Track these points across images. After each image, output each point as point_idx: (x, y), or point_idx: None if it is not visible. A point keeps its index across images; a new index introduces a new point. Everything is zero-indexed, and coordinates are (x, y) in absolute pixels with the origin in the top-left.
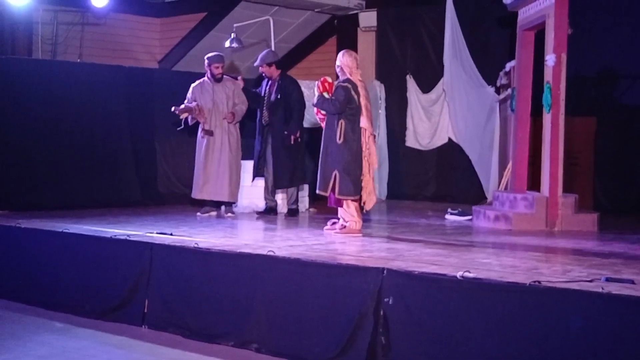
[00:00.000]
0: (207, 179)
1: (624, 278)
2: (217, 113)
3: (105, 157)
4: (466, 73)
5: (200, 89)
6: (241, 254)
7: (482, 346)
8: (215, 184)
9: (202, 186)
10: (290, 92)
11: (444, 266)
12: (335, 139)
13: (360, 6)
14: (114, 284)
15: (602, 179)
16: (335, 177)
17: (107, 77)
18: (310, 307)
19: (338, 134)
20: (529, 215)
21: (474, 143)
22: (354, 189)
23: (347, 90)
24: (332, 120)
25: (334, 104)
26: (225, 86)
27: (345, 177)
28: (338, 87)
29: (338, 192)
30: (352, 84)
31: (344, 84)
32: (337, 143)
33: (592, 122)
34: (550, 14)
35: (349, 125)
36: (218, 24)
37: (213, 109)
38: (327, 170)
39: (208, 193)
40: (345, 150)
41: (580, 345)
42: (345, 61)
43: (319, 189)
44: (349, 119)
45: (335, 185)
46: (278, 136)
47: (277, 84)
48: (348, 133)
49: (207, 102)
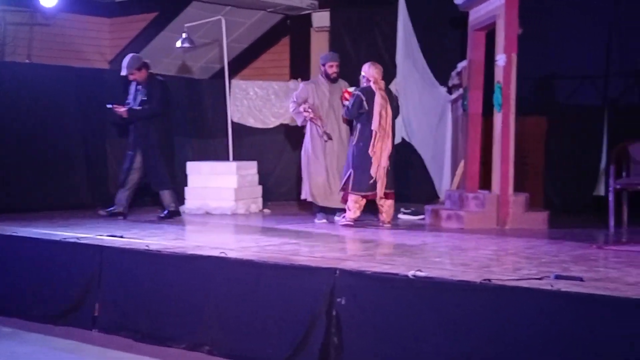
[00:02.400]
0: (332, 186)
1: (573, 275)
2: (333, 115)
3: (55, 158)
4: (419, 73)
5: (315, 89)
6: (193, 256)
7: (434, 345)
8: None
9: (326, 193)
10: (154, 94)
11: (396, 265)
12: (352, 140)
13: (313, 6)
14: (63, 287)
15: (552, 177)
16: (350, 175)
17: (57, 77)
18: (262, 309)
19: (355, 137)
20: (481, 214)
21: (426, 143)
22: (365, 187)
23: (357, 97)
24: (352, 125)
25: (346, 110)
26: (340, 88)
27: (360, 176)
28: (353, 94)
29: (351, 188)
30: (365, 91)
31: (357, 92)
32: (353, 144)
33: (542, 121)
34: (501, 14)
35: (362, 128)
36: (169, 24)
37: (330, 110)
38: (345, 169)
39: (333, 201)
40: (357, 150)
41: (531, 342)
42: (371, 72)
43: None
44: (363, 122)
45: (349, 183)
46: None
47: (143, 86)
48: (361, 135)
49: (323, 103)
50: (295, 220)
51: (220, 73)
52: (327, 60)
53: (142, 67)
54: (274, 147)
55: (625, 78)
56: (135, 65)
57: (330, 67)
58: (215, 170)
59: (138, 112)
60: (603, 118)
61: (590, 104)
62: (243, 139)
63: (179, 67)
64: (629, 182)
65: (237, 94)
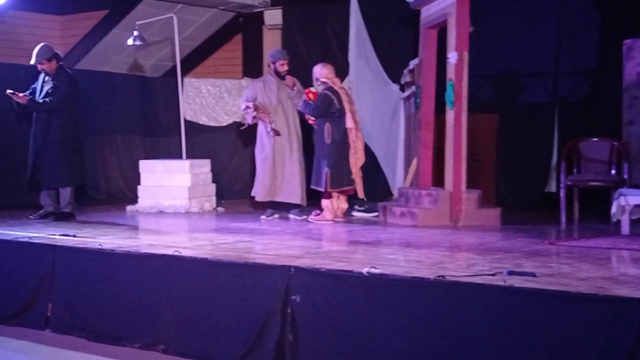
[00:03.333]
0: (278, 181)
1: (526, 271)
2: (282, 112)
3: (6, 157)
4: (371, 71)
5: (263, 87)
6: (146, 255)
7: (389, 341)
8: (287, 185)
9: (271, 188)
10: (60, 87)
11: (350, 263)
12: (324, 139)
13: (266, 4)
14: (15, 287)
15: (504, 174)
16: (326, 174)
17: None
18: (217, 307)
19: (326, 135)
20: (434, 210)
21: (379, 140)
22: (343, 182)
23: (326, 97)
24: (320, 124)
25: (313, 108)
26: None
27: (335, 173)
28: (320, 94)
29: (330, 186)
30: (332, 91)
31: (324, 92)
32: (326, 143)
33: (494, 119)
34: (452, 12)
35: (335, 127)
36: (121, 21)
37: (278, 107)
38: (318, 168)
39: (280, 195)
40: (334, 149)
41: (485, 337)
42: (324, 73)
43: (313, 184)
44: (334, 121)
45: (327, 181)
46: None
47: (51, 78)
48: (335, 134)
49: (272, 100)
50: (249, 219)
51: (173, 71)
52: (277, 58)
53: (52, 58)
54: (227, 145)
55: (574, 75)
56: (46, 55)
57: (282, 66)
58: (168, 168)
59: (39, 104)
60: (554, 115)
61: (540, 101)
62: (196, 137)
63: (130, 65)
64: (579, 179)
65: (189, 92)
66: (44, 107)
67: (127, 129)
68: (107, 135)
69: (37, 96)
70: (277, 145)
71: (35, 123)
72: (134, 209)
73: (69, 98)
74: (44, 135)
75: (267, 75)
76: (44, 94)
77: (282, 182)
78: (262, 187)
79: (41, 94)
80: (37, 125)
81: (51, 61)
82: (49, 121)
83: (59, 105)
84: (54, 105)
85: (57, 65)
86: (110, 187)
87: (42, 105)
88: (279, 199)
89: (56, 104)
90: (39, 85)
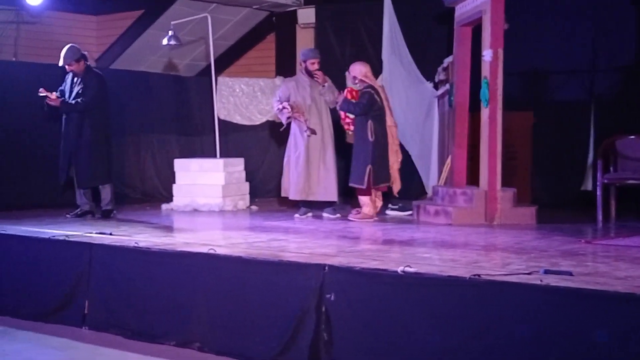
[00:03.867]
0: (312, 180)
1: (562, 270)
2: (316, 110)
3: (42, 157)
4: (405, 69)
5: (296, 86)
6: (182, 253)
7: (424, 340)
8: (322, 184)
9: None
10: (89, 86)
11: (385, 261)
12: (367, 137)
13: (299, 3)
14: (53, 285)
15: (540, 172)
16: (369, 171)
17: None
18: (252, 305)
19: (369, 133)
20: (469, 209)
21: (413, 138)
22: (384, 179)
23: (370, 95)
24: (361, 122)
25: (358, 107)
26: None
27: (378, 170)
28: (363, 92)
29: (373, 184)
30: (374, 89)
31: (367, 90)
32: (369, 141)
33: (529, 116)
34: (487, 9)
35: (377, 124)
36: (155, 21)
37: (312, 106)
38: (360, 166)
39: (315, 194)
40: (376, 146)
41: (520, 337)
42: (364, 71)
43: (351, 182)
44: (376, 119)
45: (370, 178)
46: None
47: (80, 79)
48: (377, 131)
49: (305, 100)
50: (282, 217)
51: (207, 70)
52: (308, 56)
53: (80, 59)
54: (260, 144)
55: (611, 73)
56: (74, 56)
57: (312, 65)
58: (202, 167)
59: (71, 105)
60: (590, 113)
61: (577, 99)
62: (229, 136)
63: (165, 65)
64: (616, 177)
65: (223, 91)
66: (76, 108)
67: (162, 128)
68: (142, 134)
69: (67, 97)
70: (311, 144)
71: (66, 123)
72: (169, 208)
73: (99, 97)
74: (77, 136)
75: (300, 75)
76: (74, 94)
77: (316, 181)
78: (295, 186)
79: (71, 95)
80: (69, 125)
81: (79, 62)
82: (82, 121)
83: (90, 105)
84: (86, 106)
85: (85, 65)
86: (146, 186)
87: (74, 106)
88: (313, 199)
89: (88, 104)
90: (67, 86)
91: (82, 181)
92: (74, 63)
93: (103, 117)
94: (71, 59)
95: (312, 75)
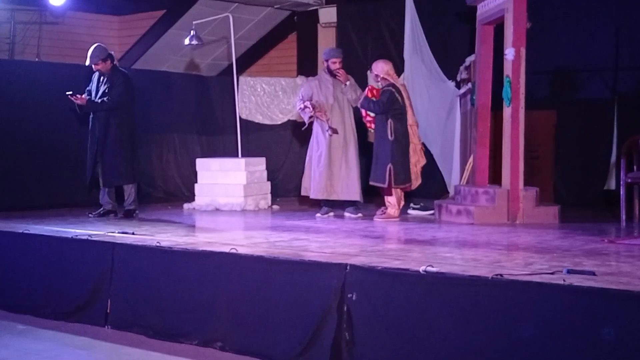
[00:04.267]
0: (334, 179)
1: (586, 270)
2: (339, 110)
3: (65, 156)
4: (426, 68)
5: (319, 85)
6: (204, 252)
7: (446, 340)
8: (344, 183)
9: (327, 186)
10: (116, 84)
11: (406, 261)
12: (387, 136)
13: (320, 2)
14: (76, 284)
15: (563, 171)
16: (390, 170)
17: (66, 76)
18: (273, 305)
19: (389, 132)
20: (491, 208)
21: (435, 137)
22: (405, 179)
23: (391, 93)
24: (382, 120)
25: (378, 105)
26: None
27: (399, 170)
28: (384, 91)
29: (394, 183)
30: (395, 87)
31: (388, 88)
32: (389, 140)
33: (551, 115)
34: (509, 8)
35: (398, 123)
36: (177, 21)
37: (334, 105)
38: (380, 164)
39: (337, 193)
40: (397, 145)
41: (543, 337)
42: (386, 69)
43: (372, 181)
44: (397, 118)
45: (391, 178)
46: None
47: (107, 78)
48: (398, 130)
49: (328, 99)
50: (304, 216)
51: (228, 70)
52: (330, 56)
53: (107, 58)
54: (282, 143)
55: (634, 71)
56: (101, 55)
57: (334, 64)
58: (224, 166)
59: (98, 104)
60: (613, 111)
61: (599, 97)
62: (251, 135)
63: (186, 65)
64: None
65: (244, 91)
66: (103, 107)
67: (183, 128)
68: (164, 133)
69: (94, 97)
70: (333, 143)
71: (93, 123)
72: (190, 207)
73: (126, 96)
74: (104, 134)
75: (323, 74)
76: (101, 94)
77: (338, 180)
78: (317, 185)
79: (97, 94)
80: (95, 124)
81: (106, 61)
82: (108, 120)
83: (117, 104)
84: (113, 104)
85: (112, 65)
86: (168, 185)
87: (101, 105)
88: (335, 197)
89: (114, 102)
90: (94, 86)
91: (107, 179)
92: (101, 62)
93: (129, 117)
94: (98, 58)
95: (334, 75)
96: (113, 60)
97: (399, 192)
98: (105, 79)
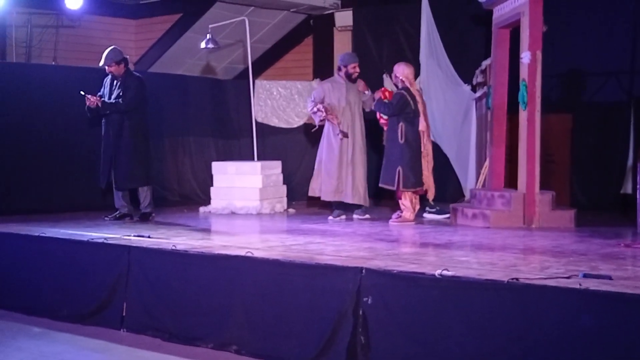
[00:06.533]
0: (342, 181)
1: (602, 274)
2: (349, 113)
3: (81, 160)
4: (442, 71)
5: (332, 88)
6: (219, 256)
7: (461, 344)
8: (350, 186)
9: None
10: (129, 87)
11: (422, 265)
12: (397, 139)
13: (336, 6)
14: (91, 287)
15: (579, 175)
16: (399, 172)
17: (83, 79)
18: (289, 308)
19: (399, 135)
20: (507, 212)
21: (451, 141)
22: (415, 183)
23: (402, 96)
24: (393, 123)
25: (388, 107)
26: (357, 87)
27: (408, 173)
28: (396, 94)
29: (402, 186)
30: (408, 91)
31: (400, 92)
32: (399, 143)
33: (568, 119)
34: (525, 11)
35: (409, 127)
36: (193, 25)
37: (346, 108)
38: (390, 167)
39: (345, 196)
40: (407, 148)
41: (559, 341)
42: (405, 72)
43: (382, 183)
44: (408, 121)
45: (400, 180)
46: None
47: (120, 81)
48: (408, 134)
49: (340, 102)
50: (320, 220)
51: (244, 73)
52: (349, 61)
53: (121, 62)
54: (298, 147)
55: None
56: (115, 58)
57: (354, 68)
58: (240, 170)
59: (111, 105)
60: (629, 115)
61: (616, 101)
62: (267, 138)
63: (203, 68)
64: None
65: (260, 94)
66: (116, 108)
67: (199, 131)
68: (180, 137)
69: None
70: (343, 146)
71: (106, 126)
72: (206, 210)
73: (139, 99)
74: (117, 137)
75: (336, 76)
76: (114, 97)
77: (345, 183)
78: (327, 187)
79: (110, 97)
80: (109, 127)
81: (120, 64)
82: (121, 123)
83: (130, 105)
84: (126, 106)
85: (125, 69)
86: (184, 189)
87: (114, 105)
88: (342, 199)
89: (127, 105)
90: (106, 89)
91: (121, 183)
92: (114, 65)
93: (142, 120)
94: (112, 60)
95: (353, 80)
96: (127, 64)
97: (412, 195)
98: (118, 83)
